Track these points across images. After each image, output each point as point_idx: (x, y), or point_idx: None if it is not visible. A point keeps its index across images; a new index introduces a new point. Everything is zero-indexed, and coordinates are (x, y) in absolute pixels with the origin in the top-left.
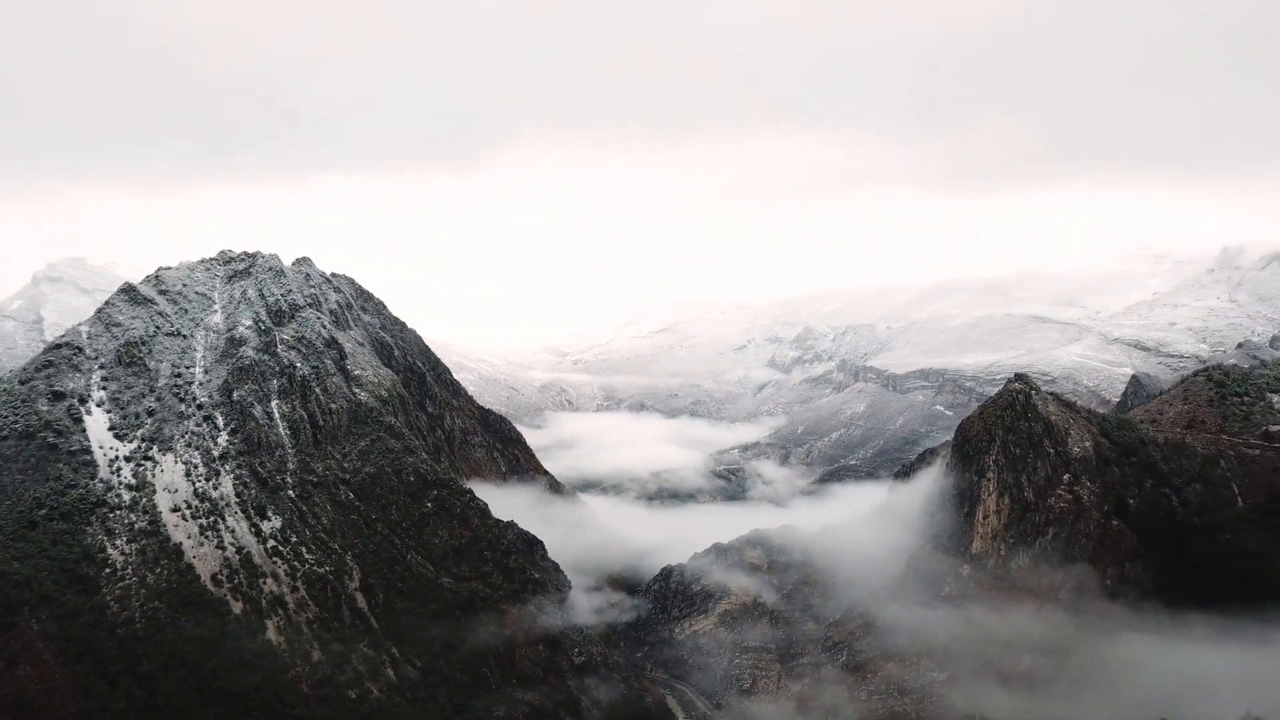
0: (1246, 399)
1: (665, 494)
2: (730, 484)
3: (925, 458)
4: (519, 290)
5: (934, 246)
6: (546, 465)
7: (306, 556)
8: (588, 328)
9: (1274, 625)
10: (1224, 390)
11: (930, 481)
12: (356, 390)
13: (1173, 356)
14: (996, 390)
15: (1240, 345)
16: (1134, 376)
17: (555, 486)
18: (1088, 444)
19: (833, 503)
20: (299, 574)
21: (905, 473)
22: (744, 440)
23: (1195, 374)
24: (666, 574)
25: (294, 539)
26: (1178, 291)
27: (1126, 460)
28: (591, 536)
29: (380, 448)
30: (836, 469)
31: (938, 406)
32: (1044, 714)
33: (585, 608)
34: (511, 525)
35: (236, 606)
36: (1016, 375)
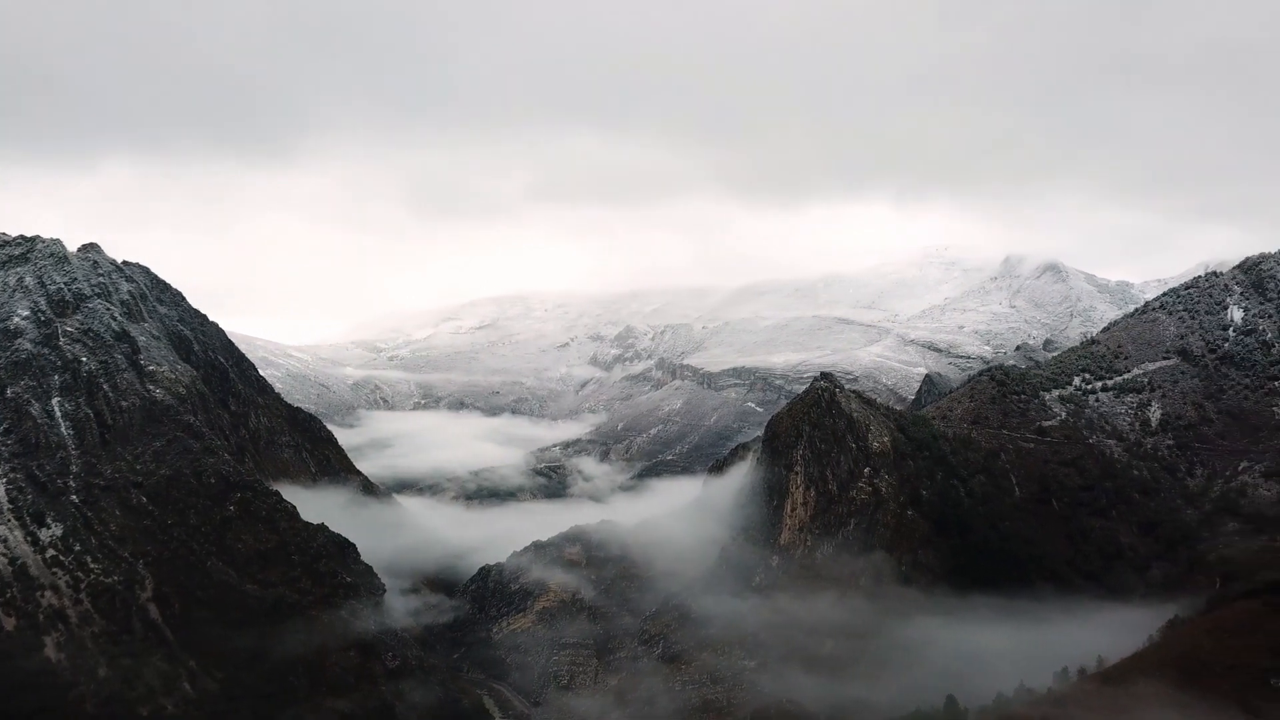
0: (1023, 397)
1: (485, 493)
2: (551, 481)
3: (738, 453)
4: (330, 284)
5: (746, 250)
6: (360, 466)
7: (92, 566)
8: (404, 323)
9: (1045, 604)
10: (1005, 389)
11: (742, 476)
12: (151, 387)
13: (961, 357)
14: (804, 388)
15: (1018, 348)
16: (927, 376)
17: (369, 487)
18: (886, 439)
19: (651, 498)
20: (83, 585)
21: (719, 467)
22: (565, 437)
23: (980, 374)
24: (485, 573)
25: (77, 547)
26: (966, 297)
27: (920, 454)
28: (408, 538)
29: (178, 448)
30: (654, 464)
31: (750, 403)
32: (845, 695)
33: (401, 610)
34: (322, 528)
35: (9, 623)
36: (822, 374)
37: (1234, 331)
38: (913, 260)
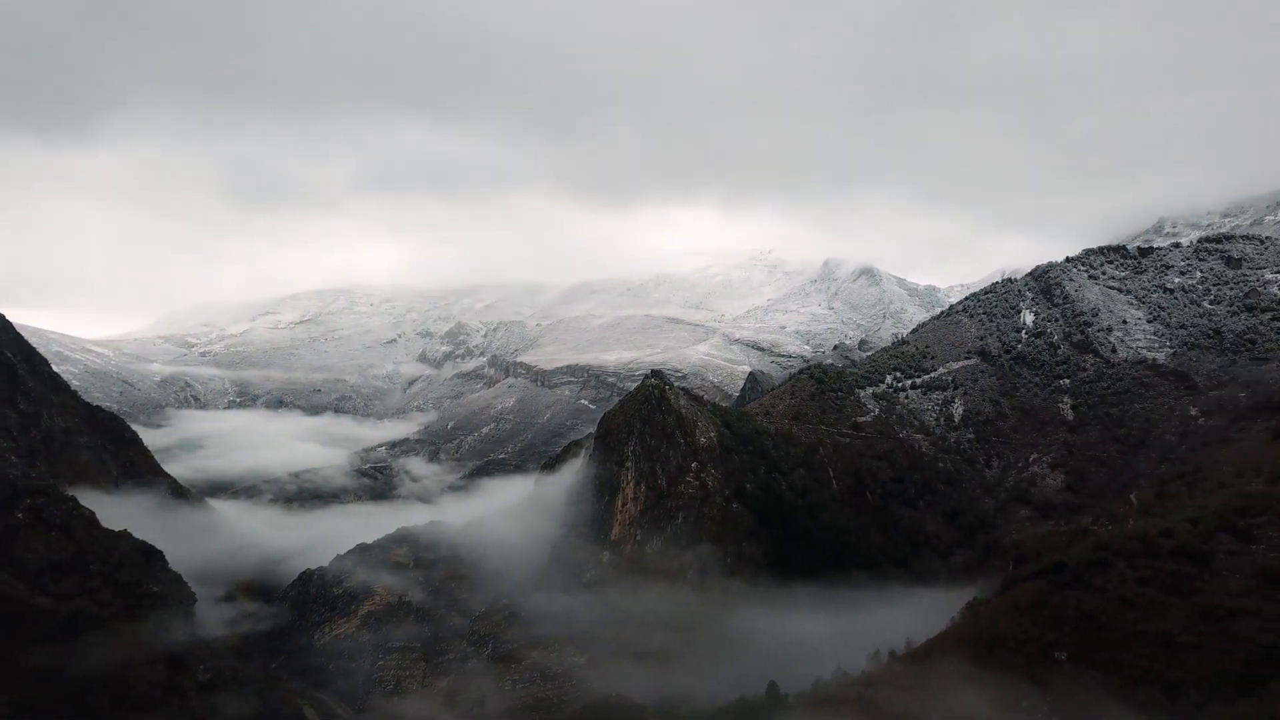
0: (840, 394)
1: (306, 495)
2: (377, 482)
3: (570, 449)
4: (135, 275)
5: (578, 249)
6: (169, 468)
7: None
8: (218, 317)
9: (860, 590)
10: (823, 387)
11: (574, 473)
12: None
13: (783, 356)
14: (635, 385)
15: (836, 347)
16: (751, 373)
17: (179, 491)
18: (712, 434)
19: (482, 497)
20: None
21: (551, 465)
22: (392, 437)
23: (801, 372)
24: (306, 578)
25: None
26: (787, 298)
27: (745, 449)
28: (222, 543)
29: None
30: (486, 463)
31: (583, 400)
32: (674, 687)
33: (215, 620)
34: (125, 535)
35: None
36: (653, 371)
37: (1025, 334)
38: (738, 263)
